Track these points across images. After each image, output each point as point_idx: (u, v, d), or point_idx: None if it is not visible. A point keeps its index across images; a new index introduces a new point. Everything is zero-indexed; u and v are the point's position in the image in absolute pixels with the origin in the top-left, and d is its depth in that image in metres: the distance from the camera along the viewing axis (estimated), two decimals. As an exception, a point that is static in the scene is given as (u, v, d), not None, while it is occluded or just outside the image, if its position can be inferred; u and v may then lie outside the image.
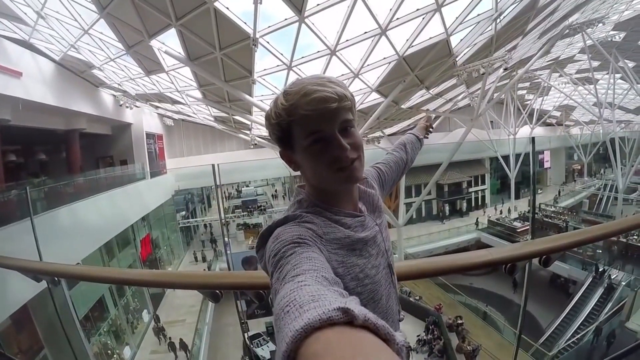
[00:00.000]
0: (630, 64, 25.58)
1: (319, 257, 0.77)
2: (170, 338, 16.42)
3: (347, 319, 0.42)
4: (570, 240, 2.05)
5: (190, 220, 30.63)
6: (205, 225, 33.32)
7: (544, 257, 1.97)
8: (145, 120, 22.62)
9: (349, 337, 0.40)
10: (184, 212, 30.72)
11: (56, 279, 2.65)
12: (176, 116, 25.29)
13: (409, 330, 17.70)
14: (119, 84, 17.16)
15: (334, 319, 0.42)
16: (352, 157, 0.95)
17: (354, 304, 0.45)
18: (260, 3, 8.45)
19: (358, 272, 0.96)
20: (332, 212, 1.01)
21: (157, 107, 22.63)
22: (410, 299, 19.65)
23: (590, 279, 19.88)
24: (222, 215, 18.75)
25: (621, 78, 26.78)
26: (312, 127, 0.91)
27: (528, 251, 1.99)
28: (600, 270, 20.00)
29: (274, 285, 0.71)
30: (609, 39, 22.93)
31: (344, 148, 0.93)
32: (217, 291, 1.92)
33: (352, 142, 0.95)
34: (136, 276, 2.47)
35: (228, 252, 16.69)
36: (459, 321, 16.93)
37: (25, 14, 11.16)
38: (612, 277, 19.33)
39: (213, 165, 12.47)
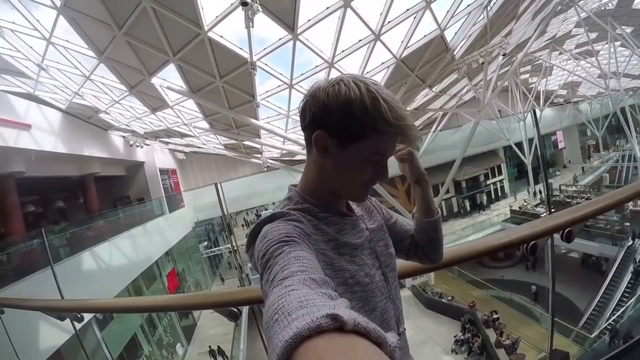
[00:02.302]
0: (628, 29, 25.20)
1: (308, 255, 0.76)
2: (210, 347, 17.19)
3: (337, 325, 0.42)
4: (592, 208, 1.97)
5: (214, 249, 30.73)
6: (229, 252, 33.39)
7: (566, 231, 1.89)
8: (157, 157, 22.89)
9: (340, 344, 0.40)
10: (206, 242, 30.86)
11: (79, 315, 2.67)
12: (187, 149, 25.56)
13: (445, 331, 17.52)
14: (127, 125, 17.40)
15: (323, 327, 0.41)
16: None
17: (343, 309, 0.45)
18: (253, 27, 8.53)
19: (348, 277, 0.94)
20: (321, 208, 1.01)
21: (167, 143, 22.90)
22: (443, 300, 19.43)
23: (623, 254, 19.43)
24: (234, 238, 18.85)
25: (621, 45, 26.38)
26: (382, 149, 0.94)
27: (547, 226, 1.90)
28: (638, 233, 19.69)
29: (263, 288, 0.70)
30: (602, 8, 22.61)
31: (385, 178, 0.97)
32: (235, 309, 1.91)
33: None
34: (152, 303, 2.47)
35: (253, 275, 16.60)
36: (495, 316, 16.71)
37: (27, 67, 11.42)
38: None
39: (216, 184, 12.47)
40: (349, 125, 0.89)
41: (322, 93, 0.91)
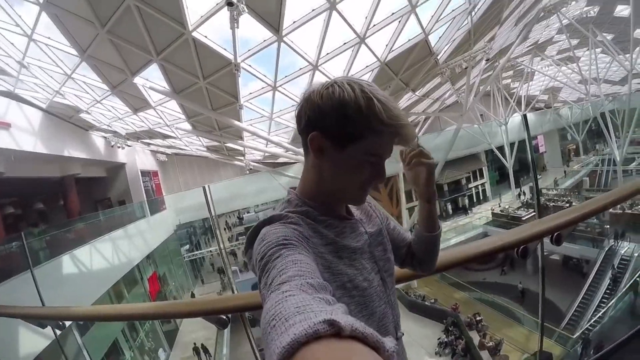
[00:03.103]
0: (609, 37, 25.74)
1: (306, 258, 0.75)
2: (194, 343, 17.33)
3: (334, 331, 0.41)
4: (579, 212, 2.02)
5: (196, 252, 30.45)
6: (211, 255, 33.20)
7: (556, 234, 1.93)
8: (138, 158, 22.65)
9: (337, 349, 0.39)
10: (187, 246, 30.57)
11: (60, 322, 2.61)
12: (169, 151, 25.32)
13: (429, 334, 17.61)
14: (108, 125, 17.17)
15: (320, 332, 0.41)
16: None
17: (340, 314, 0.45)
18: (238, 27, 8.48)
19: (346, 281, 0.94)
20: (321, 211, 1.00)
21: (149, 144, 22.64)
22: (426, 302, 19.56)
23: (603, 256, 19.79)
24: (221, 239, 18.77)
25: (602, 52, 26.92)
26: (378, 149, 0.94)
27: (538, 230, 1.93)
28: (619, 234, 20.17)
29: (262, 292, 0.70)
30: (584, 15, 23.03)
31: (382, 179, 0.98)
32: (224, 317, 1.88)
33: None
34: (137, 310, 2.41)
35: (236, 279, 16.52)
36: (478, 318, 16.85)
37: (8, 64, 11.18)
38: (624, 250, 19.34)
39: (204, 188, 12.41)
40: (343, 126, 0.89)
41: (316, 96, 0.91)
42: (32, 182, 15.22)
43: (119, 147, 19.08)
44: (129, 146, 20.64)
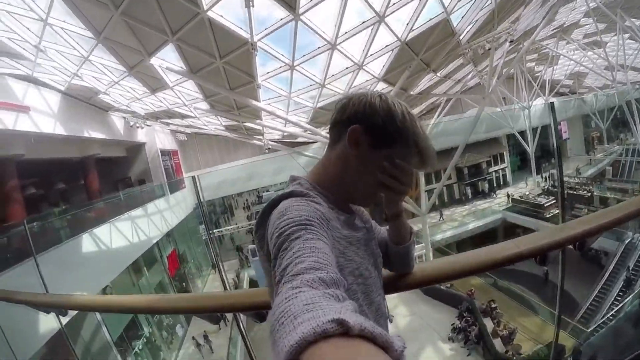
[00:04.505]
0: (638, 22, 24.79)
1: (324, 246, 0.73)
2: (193, 338, 17.58)
3: (343, 330, 0.41)
4: (608, 219, 1.74)
5: (214, 231, 30.85)
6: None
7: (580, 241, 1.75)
8: (158, 138, 22.84)
9: (345, 349, 0.39)
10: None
11: (63, 310, 2.61)
12: (188, 130, 25.48)
13: (443, 318, 17.58)
14: (127, 106, 17.30)
15: (328, 332, 0.40)
16: None
17: (349, 313, 0.44)
18: (253, 6, 8.35)
19: (355, 268, 0.97)
20: (329, 200, 1.02)
21: (168, 124, 22.82)
22: (442, 286, 19.45)
23: (623, 248, 19.36)
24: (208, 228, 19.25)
25: (630, 38, 26.01)
26: (402, 160, 1.00)
27: (561, 238, 1.69)
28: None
29: (275, 272, 0.69)
30: (612, -1, 22.25)
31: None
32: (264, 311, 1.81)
33: None
34: (133, 303, 2.37)
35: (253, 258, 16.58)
36: (493, 305, 16.73)
37: (25, 49, 11.26)
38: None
39: (193, 177, 12.56)
40: (386, 128, 0.97)
41: (370, 97, 1.00)
42: (52, 163, 15.53)
43: (138, 127, 19.30)
44: (149, 126, 20.87)
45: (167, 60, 11.74)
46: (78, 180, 18.56)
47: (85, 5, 8.79)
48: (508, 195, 31.80)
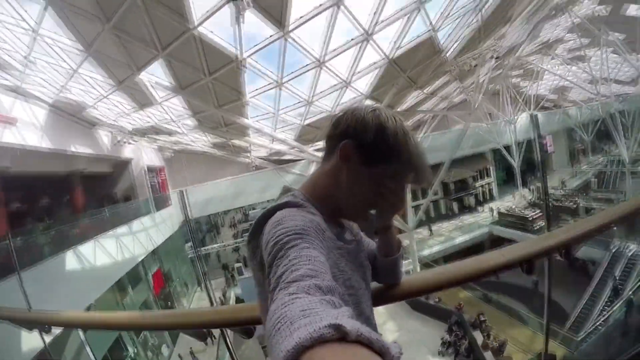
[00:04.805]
0: (621, 37, 25.40)
1: (320, 255, 0.73)
2: (179, 356, 17.43)
3: (339, 335, 0.41)
4: (591, 225, 1.81)
5: (200, 249, 30.52)
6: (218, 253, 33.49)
7: (565, 249, 1.76)
8: (144, 154, 22.67)
9: (342, 354, 0.39)
10: (191, 243, 30.64)
11: (46, 327, 2.57)
12: (175, 147, 25.37)
13: (432, 333, 17.54)
14: (114, 121, 17.16)
15: (325, 337, 0.41)
16: None
17: (346, 318, 0.44)
18: (243, 22, 8.41)
19: (346, 278, 0.97)
20: (321, 212, 1.01)
21: (155, 140, 22.69)
22: (429, 301, 19.43)
23: (610, 257, 19.57)
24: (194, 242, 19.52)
25: (613, 52, 26.60)
26: (395, 178, 1.02)
27: (546, 246, 1.75)
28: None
29: (270, 280, 0.69)
30: (596, 14, 22.77)
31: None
32: (251, 327, 1.80)
33: None
34: (117, 319, 2.34)
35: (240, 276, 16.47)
36: (482, 318, 16.72)
37: (14, 60, 11.16)
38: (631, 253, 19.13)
39: (181, 192, 12.52)
40: (377, 145, 0.97)
41: (363, 112, 1.00)
42: (38, 178, 15.28)
43: (125, 142, 19.15)
44: (135, 142, 20.70)
45: (156, 75, 11.75)
46: (63, 196, 18.28)
47: (76, 18, 8.79)
48: (491, 210, 32.09)
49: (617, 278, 18.52)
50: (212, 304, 11.53)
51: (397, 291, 1.47)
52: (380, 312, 18.98)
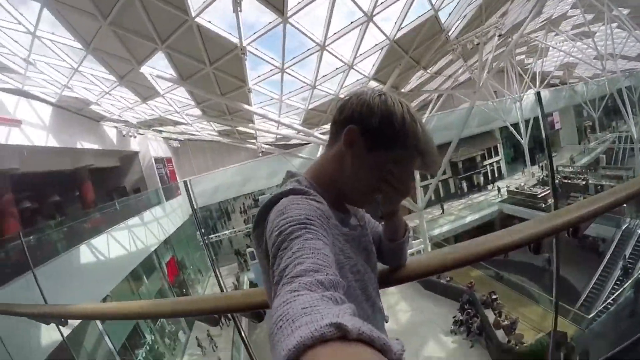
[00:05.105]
0: (625, 11, 24.89)
1: (324, 246, 0.73)
2: (196, 338, 17.58)
3: (341, 334, 0.40)
4: (601, 203, 1.74)
5: (211, 236, 30.75)
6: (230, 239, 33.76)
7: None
8: (151, 146, 22.84)
9: (343, 353, 0.39)
10: (203, 230, 30.84)
11: (62, 320, 2.63)
12: (181, 137, 25.43)
13: (444, 312, 17.61)
14: (119, 115, 17.23)
15: (326, 336, 0.40)
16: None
17: (347, 316, 0.44)
18: (241, 11, 8.36)
19: (353, 264, 0.97)
20: (326, 198, 0.99)
21: (160, 132, 22.75)
22: (441, 281, 19.49)
23: (620, 235, 19.46)
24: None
25: (618, 27, 26.11)
26: (401, 163, 1.00)
27: (553, 225, 1.69)
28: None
29: (273, 272, 0.69)
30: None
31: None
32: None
33: None
34: (129, 309, 2.38)
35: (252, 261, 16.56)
36: (493, 296, 16.76)
37: (14, 63, 11.21)
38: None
39: (185, 182, 12.53)
40: (383, 130, 0.95)
41: (369, 97, 0.97)
42: (46, 176, 15.43)
43: (131, 136, 19.24)
44: (141, 134, 20.80)
45: (157, 68, 11.74)
46: (72, 192, 18.49)
47: (73, 16, 8.78)
48: (498, 189, 31.95)
49: (627, 257, 18.42)
50: (221, 289, 11.64)
51: (402, 273, 1.47)
52: (391, 293, 19.15)
